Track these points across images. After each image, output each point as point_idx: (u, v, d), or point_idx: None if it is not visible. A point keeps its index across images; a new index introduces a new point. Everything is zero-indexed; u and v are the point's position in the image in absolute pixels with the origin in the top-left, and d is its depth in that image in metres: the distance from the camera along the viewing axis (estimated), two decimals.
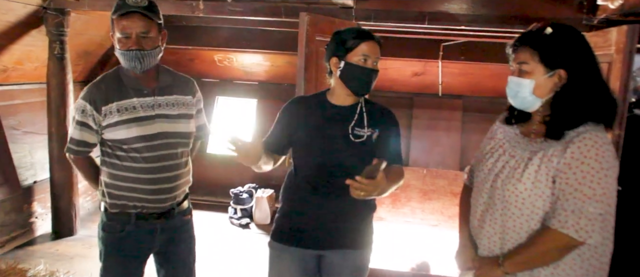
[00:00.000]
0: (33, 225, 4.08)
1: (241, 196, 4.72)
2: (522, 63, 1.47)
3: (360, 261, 1.94)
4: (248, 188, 4.82)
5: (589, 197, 1.36)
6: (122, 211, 1.93)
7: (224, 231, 4.45)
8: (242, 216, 4.63)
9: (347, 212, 1.85)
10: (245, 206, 4.67)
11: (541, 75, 1.45)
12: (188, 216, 2.12)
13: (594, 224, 1.36)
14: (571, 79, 1.44)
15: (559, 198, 1.40)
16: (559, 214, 1.39)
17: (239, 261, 3.62)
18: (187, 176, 2.06)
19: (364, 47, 1.76)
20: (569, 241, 1.38)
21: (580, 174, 1.37)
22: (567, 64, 1.43)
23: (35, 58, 3.92)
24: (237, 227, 4.55)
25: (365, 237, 1.93)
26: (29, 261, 3.56)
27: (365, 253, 1.95)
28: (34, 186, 4.09)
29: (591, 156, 1.37)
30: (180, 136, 1.97)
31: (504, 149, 1.56)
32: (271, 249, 1.96)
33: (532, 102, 1.49)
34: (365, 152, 1.79)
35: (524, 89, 1.47)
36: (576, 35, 1.46)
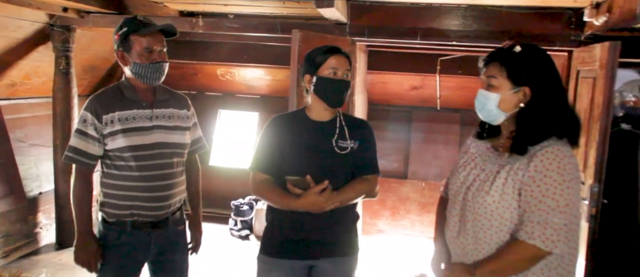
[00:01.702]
0: (38, 235, 4.18)
1: (242, 207, 4.80)
2: (490, 77, 1.53)
3: (350, 267, 2.02)
4: (249, 200, 4.89)
5: (553, 208, 1.41)
6: (118, 220, 2.01)
7: (224, 242, 4.52)
8: (242, 228, 4.70)
9: (334, 222, 1.91)
10: (246, 218, 4.74)
11: (507, 91, 1.51)
12: (182, 226, 2.19)
13: (559, 234, 1.41)
14: (535, 97, 1.50)
15: (526, 210, 1.45)
16: (526, 226, 1.44)
17: (238, 272, 3.68)
18: (181, 186, 2.14)
19: (332, 61, 1.85)
20: (537, 251, 1.43)
21: (544, 187, 1.42)
22: (532, 82, 1.49)
23: (42, 73, 4.05)
24: (237, 238, 4.62)
25: (352, 244, 2.01)
26: (33, 270, 3.65)
27: (354, 259, 2.03)
28: (39, 197, 4.20)
29: (553, 168, 1.42)
30: (176, 147, 2.06)
31: (475, 163, 1.62)
32: (261, 263, 2.00)
33: (496, 115, 1.55)
34: (349, 163, 1.90)
35: (490, 102, 1.53)
36: (543, 55, 1.53)
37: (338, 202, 1.82)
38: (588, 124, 2.71)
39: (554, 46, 3.15)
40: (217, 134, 5.51)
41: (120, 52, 1.97)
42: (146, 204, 2.00)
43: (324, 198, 1.77)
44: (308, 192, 1.77)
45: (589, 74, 2.79)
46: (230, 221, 4.78)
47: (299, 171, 1.83)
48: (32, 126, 4.25)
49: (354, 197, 1.91)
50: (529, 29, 3.17)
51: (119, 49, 1.97)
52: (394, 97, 5.08)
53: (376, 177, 1.97)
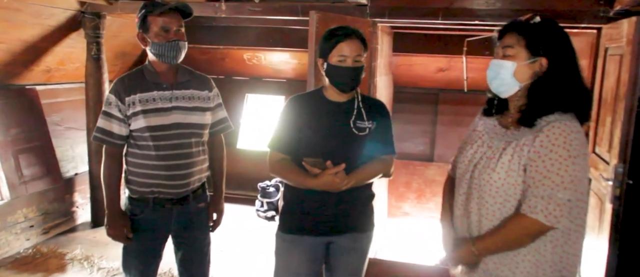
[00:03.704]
0: (74, 214, 4.40)
1: (268, 189, 4.89)
2: (507, 47, 1.51)
3: (366, 241, 2.06)
4: (275, 182, 4.97)
5: (557, 184, 1.40)
6: (141, 196, 2.11)
7: (251, 222, 4.63)
8: (268, 209, 4.80)
9: (350, 200, 1.94)
10: (272, 200, 4.82)
11: (523, 60, 1.49)
12: (203, 204, 2.27)
13: (562, 210, 1.40)
14: (551, 69, 1.48)
15: (530, 186, 1.44)
16: (529, 200, 1.43)
17: (263, 251, 3.77)
18: (201, 165, 2.20)
19: (340, 47, 1.83)
20: (538, 226, 1.42)
21: (549, 162, 1.41)
22: (550, 53, 1.48)
23: (76, 59, 4.21)
24: (263, 219, 4.72)
25: (368, 220, 2.06)
26: (69, 246, 3.85)
27: (369, 235, 2.07)
28: (75, 177, 4.41)
29: (559, 143, 1.41)
30: (194, 127, 2.12)
31: (482, 140, 1.61)
32: (280, 240, 2.05)
33: (510, 85, 1.52)
34: (366, 144, 1.91)
35: (505, 71, 1.50)
36: (560, 29, 1.51)
37: (354, 183, 1.85)
38: (614, 102, 2.63)
39: (582, 23, 3.05)
40: (244, 117, 5.60)
41: (140, 34, 2.04)
42: (166, 182, 2.08)
43: (340, 179, 1.80)
44: (324, 172, 1.80)
45: (616, 51, 2.70)
46: (256, 202, 4.88)
47: (317, 152, 1.86)
48: (67, 110, 4.44)
49: (370, 178, 1.93)
50: (555, 6, 3.08)
51: (139, 30, 2.04)
52: (420, 79, 5.03)
53: (392, 157, 1.99)
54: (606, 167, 2.70)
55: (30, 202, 3.93)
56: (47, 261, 3.59)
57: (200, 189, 2.25)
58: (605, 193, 2.66)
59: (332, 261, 2.04)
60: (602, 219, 2.70)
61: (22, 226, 3.85)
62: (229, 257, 3.68)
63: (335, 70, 1.85)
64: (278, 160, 1.96)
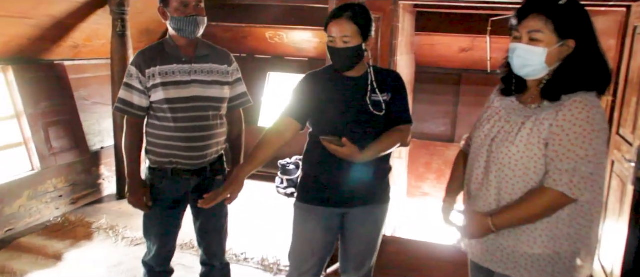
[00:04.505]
0: (100, 186, 4.55)
1: (288, 167, 4.95)
2: (534, 31, 1.46)
3: (381, 214, 2.09)
4: (295, 160, 5.03)
5: (582, 157, 1.40)
6: (160, 166, 2.17)
7: (270, 198, 4.71)
8: (288, 186, 4.86)
9: (367, 172, 1.95)
10: (291, 177, 4.89)
11: (554, 45, 1.45)
12: (220, 176, 2.32)
13: (587, 183, 1.42)
14: (577, 50, 1.47)
15: (553, 159, 1.44)
16: (553, 174, 1.44)
17: (281, 225, 3.84)
18: (218, 139, 2.24)
19: (330, 29, 1.85)
20: (562, 198, 1.43)
21: (573, 136, 1.41)
22: (577, 34, 1.46)
23: (102, 35, 4.30)
24: (283, 196, 4.80)
25: (385, 193, 2.08)
26: (95, 216, 4.00)
27: (385, 208, 2.10)
28: (101, 151, 4.55)
29: (582, 118, 1.41)
30: (212, 101, 2.17)
31: (500, 116, 1.60)
32: (297, 210, 2.09)
33: (540, 71, 1.49)
34: (382, 117, 1.93)
35: (536, 58, 1.46)
36: (583, 8, 1.49)
37: (372, 154, 1.86)
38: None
39: (611, 0, 2.96)
40: (266, 96, 5.64)
41: (161, 8, 2.08)
42: (183, 153, 2.13)
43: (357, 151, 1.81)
44: (342, 148, 1.80)
45: None
46: (276, 179, 4.95)
47: (334, 128, 1.88)
48: (94, 85, 4.56)
49: (389, 148, 1.93)
50: None
51: (160, 4, 2.08)
52: (442, 59, 4.98)
53: (409, 126, 1.99)
54: (629, 149, 2.65)
55: (60, 173, 4.08)
56: (75, 229, 3.74)
57: (218, 162, 2.30)
58: (627, 175, 2.61)
59: (348, 232, 2.08)
60: (623, 201, 2.66)
61: (51, 196, 4.02)
62: (248, 230, 3.76)
63: (329, 50, 1.88)
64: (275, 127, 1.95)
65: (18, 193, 3.71)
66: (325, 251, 2.09)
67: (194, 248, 3.40)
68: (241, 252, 3.37)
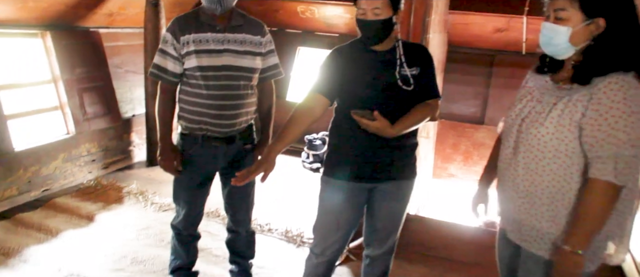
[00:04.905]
0: (131, 152, 4.67)
1: (314, 142, 4.97)
2: (559, 10, 1.43)
3: (408, 189, 2.09)
4: (322, 135, 5.04)
5: (624, 141, 1.35)
6: (191, 132, 2.22)
7: (296, 173, 4.74)
8: (313, 161, 4.89)
9: (395, 148, 1.96)
10: (318, 152, 4.91)
11: (579, 23, 1.41)
12: (249, 145, 2.35)
13: (631, 167, 1.37)
14: (609, 28, 1.40)
15: (593, 146, 1.39)
16: (596, 163, 1.39)
17: (306, 198, 3.88)
18: (249, 108, 2.27)
19: (360, 1, 1.82)
20: (610, 188, 1.37)
21: (612, 120, 1.36)
22: (607, 12, 1.40)
23: (136, 4, 4.35)
24: (308, 170, 4.83)
25: (411, 168, 2.07)
26: (126, 181, 4.12)
27: (411, 183, 2.10)
28: (132, 118, 4.66)
29: (619, 100, 1.35)
30: (244, 70, 2.18)
31: (532, 96, 1.57)
32: (324, 184, 2.09)
33: (565, 50, 1.46)
34: (410, 91, 1.91)
35: (559, 37, 1.44)
36: None
37: (402, 129, 1.85)
38: None
39: None
40: (295, 70, 5.64)
41: None
42: (213, 121, 2.17)
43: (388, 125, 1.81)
44: (373, 122, 1.80)
45: None
46: (303, 154, 4.99)
47: (362, 103, 1.87)
48: (127, 54, 4.64)
49: (418, 123, 1.92)
50: None
51: None
52: (476, 39, 4.86)
53: (437, 101, 1.98)
54: None
55: (93, 138, 4.20)
56: (106, 193, 3.86)
57: (248, 131, 2.33)
58: None
59: (374, 206, 2.08)
60: None
61: (85, 159, 4.14)
62: (273, 202, 3.81)
63: (359, 23, 1.86)
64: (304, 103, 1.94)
65: (54, 155, 3.84)
66: (351, 225, 2.11)
67: (220, 216, 3.47)
68: (266, 223, 3.43)
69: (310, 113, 1.92)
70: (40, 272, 2.68)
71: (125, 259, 2.88)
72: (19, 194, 3.58)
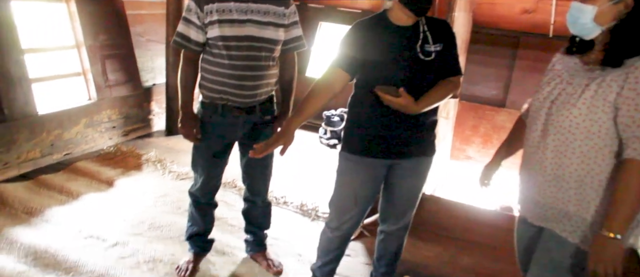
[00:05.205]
0: (151, 121, 4.72)
1: (332, 118, 4.96)
2: None
3: (427, 166, 2.08)
4: (340, 112, 5.03)
5: None
6: (211, 101, 2.22)
7: (313, 148, 4.75)
8: (331, 137, 4.89)
9: (416, 124, 1.94)
10: (335, 128, 4.90)
11: (605, 3, 1.40)
12: (269, 117, 2.35)
13: None
14: (636, 7, 1.37)
15: (629, 126, 1.37)
16: (633, 143, 1.37)
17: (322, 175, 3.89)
18: (270, 79, 2.26)
19: None
20: None
21: None
22: None
23: None
24: (325, 146, 4.83)
25: (431, 145, 2.06)
26: (145, 149, 4.17)
27: (430, 160, 2.08)
28: (152, 87, 4.69)
29: None
30: (266, 42, 2.17)
31: (561, 78, 1.54)
32: (343, 160, 2.08)
33: (591, 29, 1.44)
34: (433, 68, 1.88)
35: (585, 16, 1.43)
36: None
37: (425, 106, 1.84)
38: None
39: None
40: (316, 46, 5.60)
41: None
42: (234, 91, 2.17)
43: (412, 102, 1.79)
44: (397, 99, 1.78)
45: None
46: (320, 129, 4.98)
47: (384, 79, 1.84)
48: (149, 23, 4.66)
49: (440, 100, 1.90)
50: None
51: None
52: (502, 20, 4.75)
53: (459, 78, 1.95)
54: None
55: (114, 105, 4.25)
56: (125, 159, 3.92)
57: (268, 103, 2.32)
58: None
59: (393, 182, 2.08)
60: None
61: (106, 126, 4.21)
62: (290, 176, 3.82)
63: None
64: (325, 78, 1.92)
65: (76, 120, 3.91)
66: (368, 201, 2.11)
67: (236, 187, 3.50)
68: (281, 196, 3.45)
69: (330, 88, 1.91)
70: (62, 232, 2.75)
71: (143, 224, 2.94)
72: (41, 157, 3.66)
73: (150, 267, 2.51)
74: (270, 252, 2.68)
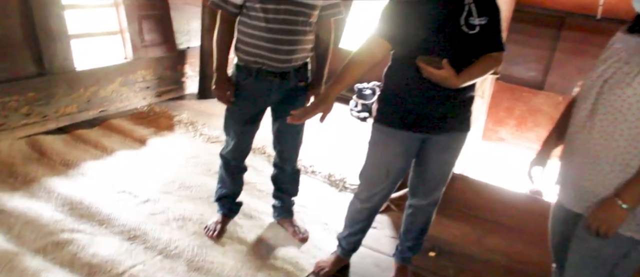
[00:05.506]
0: (183, 84, 4.77)
1: (364, 91, 4.91)
2: None
3: (461, 142, 2.04)
4: (372, 85, 4.97)
5: None
6: (246, 64, 2.21)
7: (343, 120, 4.73)
8: (362, 110, 4.85)
9: (453, 99, 1.89)
10: (367, 101, 4.85)
11: None
12: (303, 83, 2.33)
13: None
14: None
15: None
16: None
17: (351, 147, 3.88)
18: (306, 45, 2.23)
19: None
20: None
21: None
22: None
23: None
24: (356, 119, 4.80)
25: (466, 121, 2.01)
26: (177, 110, 4.23)
27: (465, 136, 2.04)
28: (187, 50, 4.71)
29: None
30: (304, 6, 2.13)
31: (619, 57, 1.45)
32: (377, 132, 2.05)
33: None
34: (476, 41, 1.81)
35: None
36: None
37: (466, 80, 1.78)
38: None
39: None
40: (350, 18, 5.51)
41: None
42: (270, 55, 2.15)
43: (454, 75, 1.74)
44: (438, 71, 1.73)
45: None
46: (351, 102, 4.94)
47: (424, 50, 1.79)
48: None
49: (481, 75, 1.84)
50: None
51: None
52: None
53: (502, 54, 1.88)
54: None
55: (149, 66, 4.30)
56: (158, 119, 3.98)
57: (303, 68, 2.30)
58: None
59: (425, 156, 2.04)
60: None
61: (140, 86, 4.26)
62: (318, 146, 3.82)
63: None
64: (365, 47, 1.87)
65: (112, 78, 3.97)
66: (399, 174, 2.09)
67: (265, 153, 3.52)
68: (309, 165, 3.46)
69: (371, 57, 1.87)
70: (96, 186, 2.83)
71: (174, 183, 2.99)
72: (78, 112, 3.75)
73: (180, 225, 2.57)
74: (296, 219, 2.70)
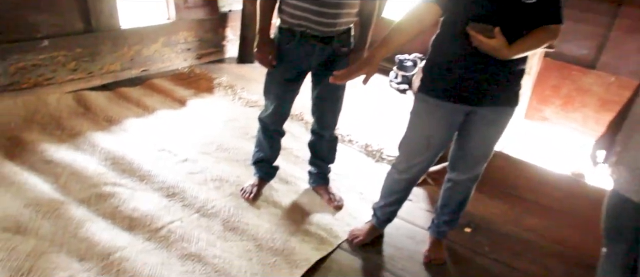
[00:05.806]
0: (224, 47, 4.78)
1: (405, 62, 4.80)
2: None
3: (507, 117, 1.96)
4: (413, 57, 4.85)
5: None
6: (289, 27, 2.18)
7: (382, 91, 4.65)
8: (401, 82, 4.75)
9: (502, 72, 1.81)
10: (407, 73, 4.75)
11: None
12: (345, 48, 2.28)
13: None
14: None
15: None
16: None
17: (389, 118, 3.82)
18: (349, 10, 2.17)
19: None
20: None
21: None
22: None
23: None
24: (395, 90, 4.71)
25: (514, 96, 1.92)
26: (217, 73, 4.25)
27: (511, 111, 1.95)
28: (229, 14, 4.70)
29: None
30: None
31: None
32: (421, 102, 1.98)
33: None
34: (533, 12, 1.71)
35: None
36: None
37: (519, 51, 1.71)
38: None
39: None
40: None
41: None
42: (314, 18, 2.11)
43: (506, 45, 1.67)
44: (489, 40, 1.66)
45: None
46: (391, 73, 4.85)
47: (477, 19, 1.70)
48: None
49: (536, 47, 1.76)
50: None
51: None
52: None
53: (559, 27, 1.77)
54: None
55: (190, 28, 4.32)
56: (198, 81, 4.02)
57: (346, 34, 2.25)
58: None
59: (469, 129, 1.98)
60: None
61: (181, 47, 4.30)
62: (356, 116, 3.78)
63: None
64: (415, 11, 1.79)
65: (154, 38, 4.01)
66: (440, 146, 2.03)
67: (303, 120, 3.51)
68: (347, 134, 3.43)
69: (421, 22, 1.80)
70: (137, 143, 2.89)
71: (212, 144, 3.03)
72: (121, 70, 3.82)
73: (217, 186, 2.60)
74: (332, 187, 2.69)
